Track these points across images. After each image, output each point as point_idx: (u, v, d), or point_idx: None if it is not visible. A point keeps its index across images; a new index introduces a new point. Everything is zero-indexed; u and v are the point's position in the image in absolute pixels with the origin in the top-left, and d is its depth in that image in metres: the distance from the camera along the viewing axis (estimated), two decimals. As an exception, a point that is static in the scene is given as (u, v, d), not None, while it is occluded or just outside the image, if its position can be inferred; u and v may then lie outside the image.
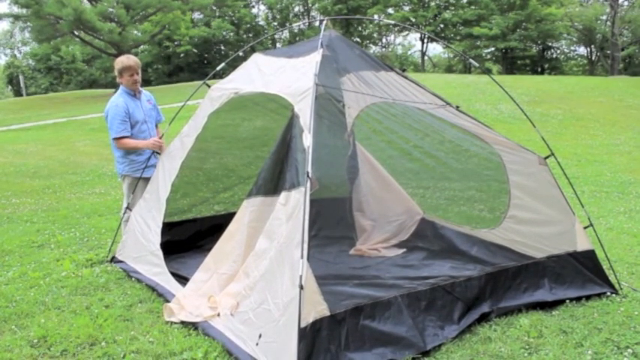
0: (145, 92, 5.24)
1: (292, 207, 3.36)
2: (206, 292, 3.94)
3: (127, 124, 4.89)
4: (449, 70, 48.78)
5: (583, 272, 4.13)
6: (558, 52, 45.47)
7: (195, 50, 45.53)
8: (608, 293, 4.11)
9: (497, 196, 5.02)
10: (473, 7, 40.91)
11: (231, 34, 47.00)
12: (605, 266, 4.25)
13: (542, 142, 4.42)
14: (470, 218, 5.87)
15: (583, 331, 3.58)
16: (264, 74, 4.33)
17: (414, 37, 60.62)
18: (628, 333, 3.56)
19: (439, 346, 3.41)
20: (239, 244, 4.04)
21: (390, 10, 43.61)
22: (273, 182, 4.14)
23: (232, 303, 3.59)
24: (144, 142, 4.94)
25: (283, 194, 3.50)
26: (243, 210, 4.09)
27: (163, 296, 4.21)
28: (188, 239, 5.34)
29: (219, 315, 3.67)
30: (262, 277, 3.42)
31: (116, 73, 5.00)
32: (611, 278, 4.22)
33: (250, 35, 47.28)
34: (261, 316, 3.29)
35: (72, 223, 6.72)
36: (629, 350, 3.37)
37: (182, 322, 3.77)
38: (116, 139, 4.90)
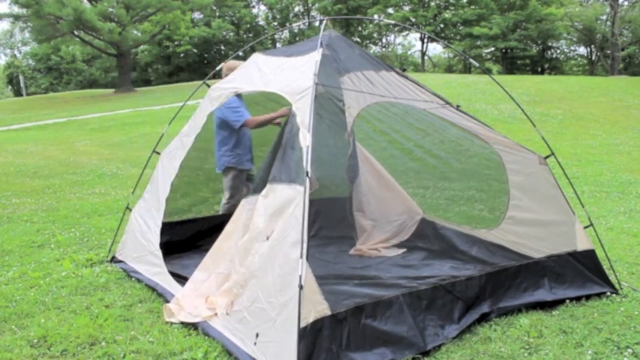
0: None
1: (281, 202, 3.36)
2: (204, 292, 3.94)
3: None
4: (449, 70, 48.78)
5: (583, 272, 4.13)
6: (558, 52, 45.46)
7: (195, 50, 45.52)
8: (608, 293, 4.11)
9: (498, 196, 5.02)
10: (473, 7, 40.90)
11: (231, 34, 46.99)
12: (605, 266, 4.24)
13: (542, 141, 4.42)
14: (470, 218, 5.87)
15: (583, 331, 3.58)
16: (263, 73, 4.33)
17: (414, 37, 60.73)
18: (628, 333, 3.56)
19: (439, 346, 3.41)
20: (236, 243, 4.02)
21: (390, 10, 43.59)
22: (269, 181, 4.14)
23: (227, 302, 3.59)
24: (275, 113, 5.07)
25: (267, 186, 3.52)
26: (241, 209, 4.08)
27: (163, 296, 4.21)
28: (188, 239, 5.33)
29: (217, 315, 3.67)
30: (252, 275, 3.42)
31: (224, 75, 5.21)
32: (611, 278, 4.22)
33: (250, 35, 47.25)
34: (256, 315, 3.29)
35: (72, 223, 6.72)
36: (629, 350, 3.37)
37: (182, 322, 3.77)
38: (246, 122, 5.08)
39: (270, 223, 3.42)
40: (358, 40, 46.52)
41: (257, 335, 3.21)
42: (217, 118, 5.20)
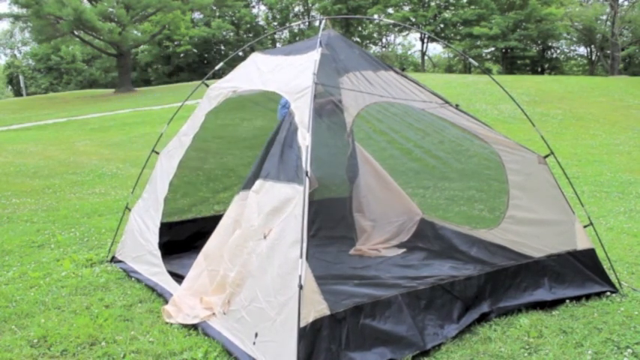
0: None
1: (279, 201, 3.35)
2: (198, 290, 3.92)
3: None
4: (449, 70, 48.74)
5: (583, 271, 4.13)
6: (558, 52, 45.41)
7: (195, 50, 45.48)
8: (608, 293, 4.11)
9: (498, 196, 5.02)
10: (473, 7, 40.86)
11: (231, 34, 46.96)
12: (605, 266, 4.24)
13: (542, 141, 4.42)
14: (470, 218, 5.87)
15: (583, 331, 3.58)
16: (262, 73, 4.33)
17: (414, 37, 60.65)
18: (628, 333, 3.56)
19: (439, 345, 3.41)
20: (226, 240, 4.01)
21: (390, 10, 43.55)
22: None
23: (223, 300, 3.58)
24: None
25: (258, 182, 3.51)
26: (233, 205, 4.07)
27: (163, 296, 4.21)
28: (188, 239, 5.33)
29: (214, 315, 3.66)
30: (250, 274, 3.41)
31: None
32: (612, 278, 4.22)
33: (250, 35, 47.21)
34: (254, 315, 3.29)
35: (72, 223, 6.72)
36: (629, 350, 3.37)
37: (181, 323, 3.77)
38: None
39: (267, 221, 3.41)
40: (358, 40, 46.47)
41: (256, 335, 3.21)
42: (281, 117, 5.28)
